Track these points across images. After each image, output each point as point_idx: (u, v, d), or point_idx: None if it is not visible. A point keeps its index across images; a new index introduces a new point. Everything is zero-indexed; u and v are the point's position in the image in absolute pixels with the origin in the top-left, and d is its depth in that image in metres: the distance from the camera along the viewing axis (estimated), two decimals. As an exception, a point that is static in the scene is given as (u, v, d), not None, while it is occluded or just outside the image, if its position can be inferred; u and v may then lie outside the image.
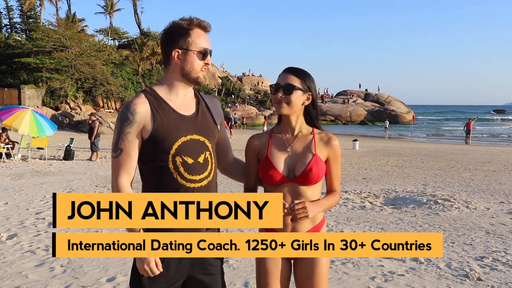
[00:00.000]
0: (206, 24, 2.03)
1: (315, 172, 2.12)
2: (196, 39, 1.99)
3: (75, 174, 11.94)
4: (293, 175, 2.15)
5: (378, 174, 12.50)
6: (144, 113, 1.92)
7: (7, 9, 52.56)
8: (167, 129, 1.93)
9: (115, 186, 1.92)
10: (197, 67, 2.00)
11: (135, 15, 58.49)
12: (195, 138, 1.98)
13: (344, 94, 67.75)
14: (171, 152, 1.93)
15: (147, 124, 1.92)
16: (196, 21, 2.00)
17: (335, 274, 4.47)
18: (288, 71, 2.19)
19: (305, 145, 2.19)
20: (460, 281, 4.29)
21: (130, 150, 1.92)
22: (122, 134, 1.92)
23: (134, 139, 1.92)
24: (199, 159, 1.98)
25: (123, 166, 1.92)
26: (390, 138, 34.90)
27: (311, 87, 2.20)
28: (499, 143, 30.36)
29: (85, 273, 4.44)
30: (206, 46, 2.01)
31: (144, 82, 47.72)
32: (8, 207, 7.64)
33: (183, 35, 1.98)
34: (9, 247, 5.31)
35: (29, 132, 14.39)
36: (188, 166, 1.95)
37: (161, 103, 1.97)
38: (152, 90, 2.02)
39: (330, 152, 2.21)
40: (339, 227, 6.44)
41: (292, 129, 2.22)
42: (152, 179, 1.98)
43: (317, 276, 2.16)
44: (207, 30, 2.04)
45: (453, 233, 6.14)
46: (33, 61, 39.77)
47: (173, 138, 1.93)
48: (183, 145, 1.95)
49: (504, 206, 8.06)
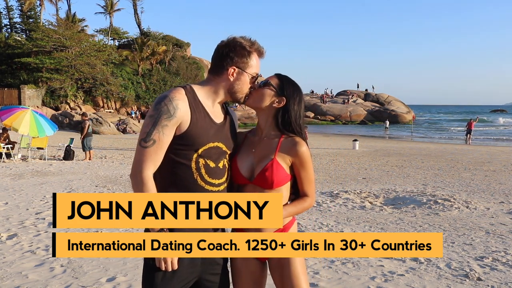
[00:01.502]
0: (263, 50, 2.11)
1: (269, 175, 2.11)
2: (253, 63, 2.07)
3: (75, 174, 11.94)
4: (253, 177, 2.16)
5: (378, 174, 12.50)
6: (184, 110, 1.93)
7: (7, 9, 52.58)
8: (200, 132, 1.97)
9: (140, 176, 1.88)
10: (246, 89, 2.09)
11: (135, 15, 58.51)
12: (219, 146, 2.05)
13: (344, 94, 67.77)
14: (197, 153, 1.98)
15: (184, 122, 1.94)
16: (256, 45, 2.08)
17: (335, 274, 4.47)
18: (275, 74, 2.24)
19: (268, 148, 2.19)
20: (460, 281, 4.29)
21: (163, 142, 1.91)
22: (159, 125, 1.89)
23: (169, 133, 1.91)
24: (219, 165, 2.04)
25: (152, 158, 1.90)
26: (390, 138, 34.90)
27: (288, 93, 2.18)
28: (499, 143, 30.37)
29: (85, 273, 4.44)
30: (257, 70, 2.11)
31: (144, 82, 47.75)
32: (8, 207, 7.64)
33: (244, 55, 2.05)
34: (9, 247, 5.31)
35: (29, 132, 14.39)
36: (210, 169, 2.00)
37: (199, 105, 2.00)
38: (192, 89, 2.02)
39: (295, 158, 2.17)
40: (339, 227, 6.44)
41: (261, 130, 2.24)
42: (170, 173, 1.97)
43: (295, 275, 2.14)
44: (263, 56, 2.12)
45: (453, 233, 6.14)
46: (33, 61, 39.78)
47: (202, 141, 1.98)
48: (209, 149, 2.00)
49: (504, 206, 8.06)
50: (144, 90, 47.17)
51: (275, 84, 2.18)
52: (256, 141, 2.23)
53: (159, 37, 54.59)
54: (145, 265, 1.97)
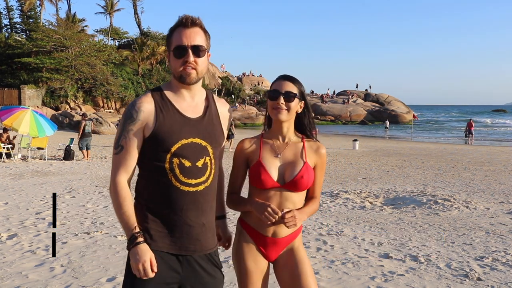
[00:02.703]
0: (183, 19, 1.91)
1: (305, 179, 2.16)
2: (174, 38, 1.92)
3: (75, 174, 11.94)
4: (283, 181, 2.18)
5: (378, 174, 12.50)
6: (148, 111, 1.90)
7: (7, 9, 52.56)
8: (169, 130, 1.90)
9: (112, 183, 1.90)
10: (175, 66, 1.92)
11: (135, 15, 58.50)
12: (196, 142, 1.94)
13: (344, 94, 67.75)
14: (169, 152, 1.89)
15: (149, 122, 1.89)
16: (179, 19, 1.93)
17: (335, 274, 4.47)
18: (286, 78, 2.22)
19: (296, 152, 2.23)
20: (460, 281, 4.29)
21: (130, 147, 1.89)
22: (124, 131, 1.90)
23: (136, 137, 1.89)
24: (197, 163, 1.93)
25: (122, 164, 1.90)
26: (390, 138, 34.90)
27: (303, 94, 2.24)
28: (499, 143, 30.36)
29: (85, 273, 4.44)
30: (179, 43, 1.89)
31: (144, 82, 47.72)
32: (8, 207, 7.63)
33: (168, 37, 1.96)
34: (9, 247, 5.31)
35: (29, 132, 14.39)
36: (185, 168, 1.90)
37: (167, 103, 1.94)
38: (160, 90, 1.99)
39: (318, 160, 2.26)
40: (339, 227, 6.44)
41: (283, 136, 2.25)
42: (147, 177, 1.96)
43: (305, 275, 2.18)
44: (185, 25, 1.91)
45: (453, 233, 6.14)
46: (33, 61, 39.76)
47: (173, 139, 1.90)
48: (183, 147, 1.91)
49: (504, 206, 8.06)
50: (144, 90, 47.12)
51: (296, 91, 2.19)
52: (279, 145, 2.24)
53: (159, 37, 54.54)
54: (127, 267, 1.91)
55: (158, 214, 1.91)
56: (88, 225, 6.40)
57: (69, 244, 5.42)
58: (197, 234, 1.93)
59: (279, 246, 2.21)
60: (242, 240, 2.25)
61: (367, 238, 5.83)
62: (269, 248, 2.21)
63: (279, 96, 2.16)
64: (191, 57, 1.89)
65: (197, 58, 1.91)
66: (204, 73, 1.98)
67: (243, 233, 2.26)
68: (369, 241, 5.71)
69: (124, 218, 1.86)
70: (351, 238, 5.84)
